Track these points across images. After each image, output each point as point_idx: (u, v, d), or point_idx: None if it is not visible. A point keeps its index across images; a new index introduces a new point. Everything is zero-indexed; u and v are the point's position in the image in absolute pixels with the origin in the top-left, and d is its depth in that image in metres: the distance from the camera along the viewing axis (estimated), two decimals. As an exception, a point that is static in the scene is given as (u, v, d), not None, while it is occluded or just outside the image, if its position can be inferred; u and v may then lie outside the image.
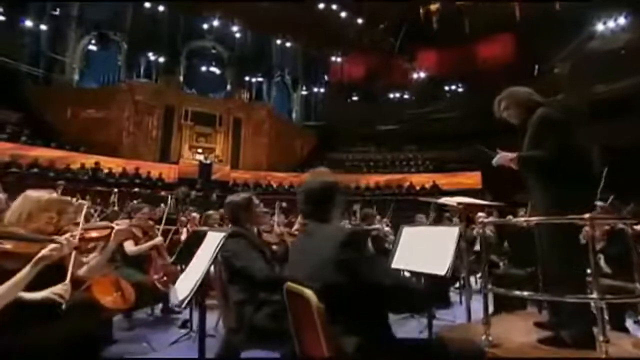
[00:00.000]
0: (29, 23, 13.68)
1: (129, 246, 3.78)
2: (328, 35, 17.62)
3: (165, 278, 3.73)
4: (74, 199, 6.16)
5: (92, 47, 15.70)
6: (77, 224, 2.22)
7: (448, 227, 2.06)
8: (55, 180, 10.30)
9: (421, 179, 15.94)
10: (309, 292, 1.24)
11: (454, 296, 4.65)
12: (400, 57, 18.15)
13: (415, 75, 18.88)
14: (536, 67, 16.57)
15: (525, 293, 2.02)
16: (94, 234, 2.16)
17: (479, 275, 5.83)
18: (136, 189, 12.39)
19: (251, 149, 17.48)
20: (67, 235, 1.83)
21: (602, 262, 3.76)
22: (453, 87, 18.36)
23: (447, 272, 1.85)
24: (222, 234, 1.90)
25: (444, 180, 15.01)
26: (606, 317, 3.04)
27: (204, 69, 17.43)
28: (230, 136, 17.44)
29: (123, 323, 3.50)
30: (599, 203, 3.40)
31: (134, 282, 3.46)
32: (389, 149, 18.63)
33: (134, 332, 3.38)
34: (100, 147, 13.88)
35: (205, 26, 16.94)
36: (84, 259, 2.21)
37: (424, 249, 2.07)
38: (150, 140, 15.72)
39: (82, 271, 2.16)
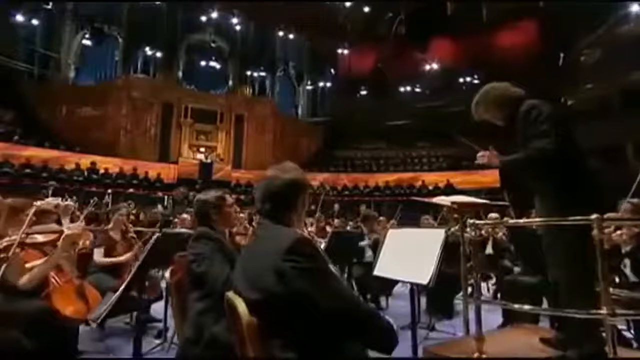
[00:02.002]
0: (20, 18, 13.86)
1: (98, 256, 3.71)
2: (333, 25, 17.46)
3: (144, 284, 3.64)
4: (62, 200, 6.15)
5: (87, 42, 15.85)
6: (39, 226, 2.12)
7: (433, 229, 1.89)
8: (46, 180, 10.41)
9: (434, 178, 15.66)
10: (241, 306, 1.20)
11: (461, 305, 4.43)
12: (412, 47, 17.82)
13: (427, 67, 18.54)
14: (561, 55, 16.03)
15: (526, 307, 1.84)
16: (39, 238, 2.06)
17: (492, 281, 5.62)
18: (131, 190, 12.46)
19: (254, 147, 17.46)
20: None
21: (628, 270, 3.50)
22: (468, 79, 17.94)
23: (430, 281, 1.68)
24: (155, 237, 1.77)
25: (458, 178, 14.69)
26: (632, 333, 2.83)
27: (203, 63, 17.46)
28: (231, 134, 17.48)
29: (95, 333, 3.42)
30: (634, 201, 3.19)
31: (105, 289, 3.40)
32: (400, 146, 18.35)
33: (104, 343, 3.29)
34: (97, 147, 14.04)
35: (203, 19, 16.94)
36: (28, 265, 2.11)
37: (408, 255, 1.90)
38: (149, 139, 15.83)
39: (23, 280, 2.06)
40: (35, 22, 14.55)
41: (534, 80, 12.63)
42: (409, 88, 19.35)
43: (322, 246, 3.11)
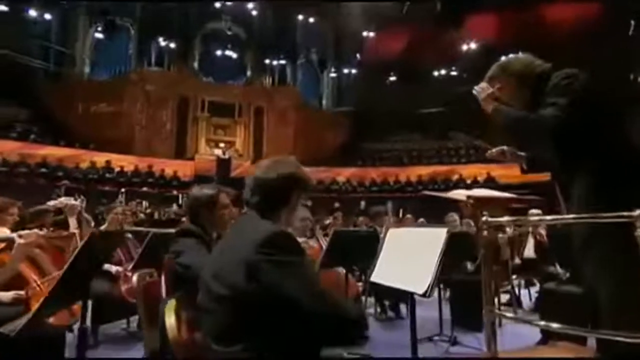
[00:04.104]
0: (33, 13, 14.56)
1: None
2: (357, 5, 17.11)
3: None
4: (72, 199, 6.33)
5: (100, 36, 16.45)
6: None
7: (434, 229, 1.70)
8: (61, 179, 10.91)
9: (473, 171, 15.15)
10: (169, 320, 1.30)
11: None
12: (445, 25, 17.12)
13: (464, 47, 17.79)
14: (632, 23, 14.72)
15: (555, 325, 1.63)
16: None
17: (535, 289, 5.27)
18: (145, 188, 12.83)
19: (275, 141, 17.53)
20: None
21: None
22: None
23: (427, 290, 1.49)
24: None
25: (500, 171, 14.02)
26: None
27: (219, 53, 17.65)
28: (251, 127, 17.65)
29: (88, 339, 3.46)
30: None
31: (97, 293, 3.43)
32: (435, 136, 17.79)
33: (95, 350, 3.33)
34: (112, 144, 14.58)
35: (218, 5, 17.06)
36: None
37: (406, 258, 1.73)
38: (164, 135, 16.26)
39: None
40: (48, 16, 15.24)
41: (595, 55, 11.73)
42: (443, 71, 18.69)
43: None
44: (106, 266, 3.69)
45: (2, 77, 12.90)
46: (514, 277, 4.83)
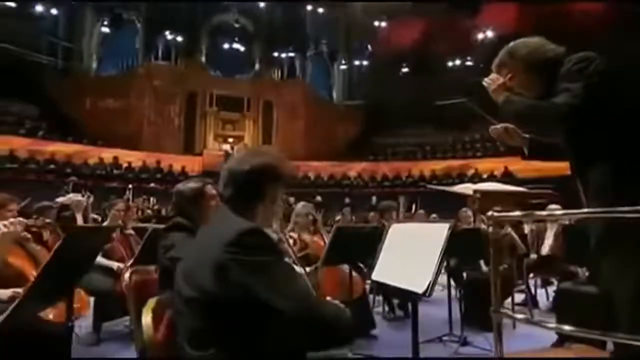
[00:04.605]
0: (39, 8, 14.78)
1: (100, 257, 3.77)
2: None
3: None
4: (79, 195, 6.40)
5: (107, 30, 16.63)
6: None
7: (437, 224, 1.63)
8: (69, 176, 11.10)
9: (490, 165, 14.90)
10: (146, 320, 1.26)
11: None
12: (460, 13, 16.79)
13: (480, 36, 17.44)
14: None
15: (567, 327, 1.54)
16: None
17: (552, 289, 5.14)
18: (152, 184, 12.96)
19: (284, 135, 17.55)
20: None
21: None
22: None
23: (427, 289, 1.43)
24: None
25: (518, 165, 13.72)
26: None
27: (227, 46, 17.71)
28: (260, 122, 17.69)
29: (89, 337, 3.50)
30: None
31: (99, 290, 3.46)
32: (450, 129, 17.53)
33: (97, 348, 3.35)
34: (120, 139, 14.78)
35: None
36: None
37: (408, 255, 1.67)
38: (172, 130, 16.40)
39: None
40: (55, 12, 15.48)
41: (618, 44, 11.29)
42: (458, 62, 18.38)
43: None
44: (108, 263, 3.73)
45: (10, 74, 13.15)
46: (530, 275, 4.72)
